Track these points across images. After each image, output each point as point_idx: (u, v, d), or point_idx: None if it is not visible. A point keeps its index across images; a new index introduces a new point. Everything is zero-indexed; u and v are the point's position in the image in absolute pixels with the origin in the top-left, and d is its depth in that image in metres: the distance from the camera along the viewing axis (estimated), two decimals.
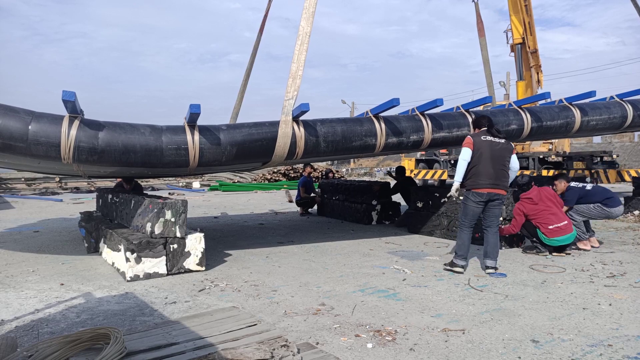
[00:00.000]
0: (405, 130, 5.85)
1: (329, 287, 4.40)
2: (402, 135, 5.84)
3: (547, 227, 5.57)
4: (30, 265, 5.49)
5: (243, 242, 7.00)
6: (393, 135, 5.78)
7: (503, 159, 4.81)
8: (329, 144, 5.49)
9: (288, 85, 5.20)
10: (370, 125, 5.68)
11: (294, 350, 2.54)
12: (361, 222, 8.82)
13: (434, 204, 7.22)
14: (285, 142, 5.23)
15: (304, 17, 5.25)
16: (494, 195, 4.78)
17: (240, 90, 9.35)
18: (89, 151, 4.53)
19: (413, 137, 5.91)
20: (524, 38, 14.40)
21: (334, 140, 5.50)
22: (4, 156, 4.57)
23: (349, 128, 5.59)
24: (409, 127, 5.89)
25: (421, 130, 5.93)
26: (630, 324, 3.34)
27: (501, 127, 6.41)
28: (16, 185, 19.89)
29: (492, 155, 4.76)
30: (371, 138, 5.66)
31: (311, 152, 5.46)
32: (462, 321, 3.42)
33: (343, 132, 5.54)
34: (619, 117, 7.20)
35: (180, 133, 4.93)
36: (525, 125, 6.47)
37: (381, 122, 5.72)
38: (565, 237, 5.55)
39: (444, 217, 6.99)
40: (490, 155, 4.75)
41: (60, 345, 2.41)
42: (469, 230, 4.94)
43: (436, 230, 7.10)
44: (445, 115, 6.26)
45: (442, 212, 7.04)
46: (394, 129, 5.79)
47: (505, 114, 6.50)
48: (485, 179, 4.74)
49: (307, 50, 5.22)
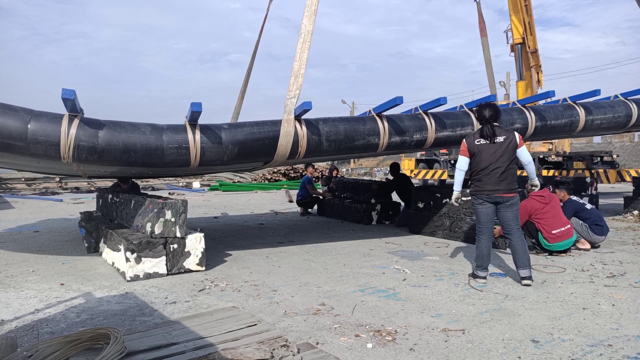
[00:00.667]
0: (408, 129, 5.79)
1: (329, 287, 4.40)
2: (405, 135, 5.78)
3: (551, 231, 5.51)
4: (30, 265, 5.49)
5: (243, 242, 7.00)
6: (396, 135, 5.72)
7: (506, 158, 4.42)
8: (332, 143, 5.43)
9: (290, 83, 5.15)
10: (373, 124, 5.62)
11: (294, 350, 2.54)
12: (361, 222, 8.82)
13: (436, 205, 7.20)
14: (287, 141, 5.18)
15: (306, 15, 5.20)
16: (499, 198, 4.47)
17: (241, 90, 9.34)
18: (89, 150, 4.49)
19: (416, 136, 5.84)
20: (524, 38, 14.38)
21: (336, 140, 5.44)
22: (4, 155, 4.54)
23: (351, 127, 5.53)
24: (412, 126, 5.82)
25: (424, 129, 5.86)
26: (630, 324, 3.34)
27: (505, 127, 6.38)
28: (16, 185, 19.88)
29: (490, 158, 4.45)
30: (374, 137, 5.60)
31: (314, 152, 5.41)
32: (462, 321, 3.42)
33: (346, 131, 5.48)
34: (623, 116, 7.14)
35: (182, 132, 4.88)
36: (530, 124, 6.42)
37: (384, 121, 5.67)
38: (566, 242, 5.54)
39: (446, 217, 6.96)
40: (488, 158, 4.44)
41: (60, 345, 2.41)
42: (486, 238, 4.59)
43: (438, 231, 7.07)
44: (448, 114, 6.20)
45: (444, 213, 7.01)
46: (397, 128, 5.72)
47: (509, 113, 6.45)
48: (486, 185, 4.48)
49: (309, 48, 5.17)
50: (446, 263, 5.36)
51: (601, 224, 6.01)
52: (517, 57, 14.89)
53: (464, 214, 6.60)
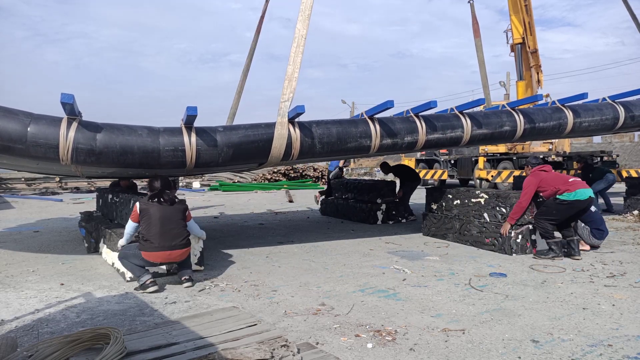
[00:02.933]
0: (399, 132, 5.87)
1: (329, 287, 4.40)
2: (396, 137, 5.86)
3: (567, 180, 5.53)
4: (30, 265, 5.49)
5: (243, 242, 7.00)
6: (387, 137, 5.81)
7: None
8: (324, 145, 5.52)
9: (284, 87, 5.26)
10: (365, 126, 5.70)
11: (294, 350, 2.54)
12: (366, 221, 8.81)
13: (447, 206, 6.99)
14: (281, 144, 5.28)
15: (300, 20, 5.31)
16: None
17: (237, 90, 9.34)
18: (87, 152, 4.56)
19: (407, 139, 5.92)
20: (524, 38, 14.39)
21: (329, 142, 5.53)
22: (3, 157, 4.59)
23: (344, 129, 5.62)
24: (403, 129, 5.90)
25: (415, 132, 5.94)
26: (630, 324, 3.34)
27: (494, 129, 6.41)
28: (16, 185, 19.87)
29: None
30: (366, 139, 5.69)
31: (307, 154, 5.50)
32: (462, 321, 3.42)
33: (338, 134, 5.57)
34: (610, 118, 7.25)
35: (178, 134, 4.96)
36: (519, 126, 6.50)
37: (376, 124, 5.75)
38: (586, 190, 5.51)
39: (456, 220, 6.69)
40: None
41: (60, 345, 2.41)
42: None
43: (449, 234, 6.81)
44: (439, 117, 6.27)
45: (454, 215, 6.76)
46: (388, 131, 5.81)
47: (498, 116, 6.52)
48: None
49: (303, 52, 5.28)
50: (446, 263, 5.36)
51: (602, 229, 5.98)
52: (517, 57, 14.89)
53: (473, 217, 6.39)
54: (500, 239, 5.80)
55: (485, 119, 6.42)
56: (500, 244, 5.82)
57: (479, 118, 6.39)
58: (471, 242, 6.34)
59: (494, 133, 6.45)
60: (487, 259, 5.51)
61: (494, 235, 5.92)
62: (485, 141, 6.87)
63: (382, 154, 6.50)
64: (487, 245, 6.00)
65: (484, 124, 6.37)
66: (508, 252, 5.70)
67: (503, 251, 5.77)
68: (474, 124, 6.26)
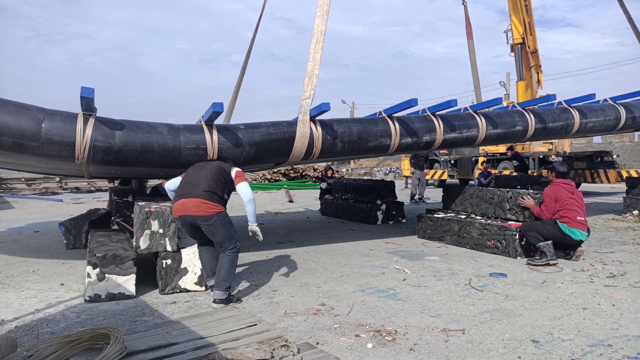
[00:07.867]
0: (418, 131, 5.82)
1: (329, 287, 4.40)
2: (415, 136, 5.80)
3: (576, 217, 5.26)
4: (30, 265, 5.49)
5: (243, 242, 6.95)
6: (407, 136, 5.75)
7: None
8: (346, 144, 5.42)
9: (305, 84, 5.12)
10: (385, 125, 5.64)
11: (294, 350, 2.54)
12: (366, 222, 8.81)
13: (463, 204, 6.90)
14: (303, 142, 5.14)
15: (318, 16, 5.18)
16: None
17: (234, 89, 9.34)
18: (105, 150, 4.30)
19: (425, 138, 5.87)
20: (524, 38, 14.39)
21: (350, 141, 5.43)
22: (11, 156, 4.35)
23: (364, 128, 5.53)
24: (422, 128, 5.85)
25: (433, 131, 5.89)
26: (630, 324, 3.34)
27: (507, 129, 6.45)
28: (16, 185, 19.86)
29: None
30: (386, 138, 5.62)
31: (328, 152, 5.39)
32: (462, 321, 3.42)
33: (359, 133, 5.48)
34: (613, 119, 7.38)
35: (199, 132, 4.74)
36: (530, 126, 6.54)
37: (395, 123, 5.68)
38: (584, 234, 5.31)
39: (454, 222, 6.51)
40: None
41: (60, 345, 2.41)
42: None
43: (446, 237, 6.63)
44: (456, 117, 6.24)
45: (452, 217, 6.64)
46: (408, 130, 5.75)
47: (511, 116, 6.56)
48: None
49: (322, 48, 5.14)
50: (446, 263, 5.36)
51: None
52: (517, 57, 14.90)
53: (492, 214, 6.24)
54: (504, 242, 5.67)
55: (499, 119, 6.44)
56: (504, 246, 5.66)
57: (493, 118, 6.41)
58: (471, 244, 6.14)
59: (507, 132, 6.48)
60: (487, 259, 5.50)
61: (496, 237, 5.78)
62: (498, 140, 6.90)
63: (400, 153, 6.44)
64: (488, 248, 5.86)
65: (499, 123, 6.39)
66: (513, 256, 5.55)
67: (507, 254, 5.61)
68: (488, 124, 6.26)
